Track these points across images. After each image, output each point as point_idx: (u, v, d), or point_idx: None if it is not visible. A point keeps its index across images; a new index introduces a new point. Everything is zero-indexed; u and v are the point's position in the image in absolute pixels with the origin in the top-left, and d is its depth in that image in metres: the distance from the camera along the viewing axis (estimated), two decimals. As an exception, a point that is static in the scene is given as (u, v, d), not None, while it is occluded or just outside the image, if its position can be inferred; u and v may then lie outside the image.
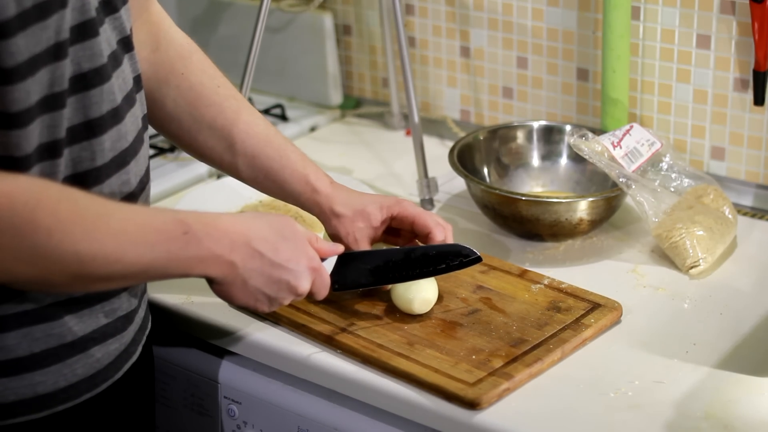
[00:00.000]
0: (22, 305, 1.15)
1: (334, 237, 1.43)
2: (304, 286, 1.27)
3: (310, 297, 1.31)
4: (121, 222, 1.12)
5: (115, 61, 1.20)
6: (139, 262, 1.13)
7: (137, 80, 1.27)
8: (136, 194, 1.24)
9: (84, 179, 1.17)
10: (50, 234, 1.06)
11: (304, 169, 1.42)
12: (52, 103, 1.11)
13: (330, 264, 1.33)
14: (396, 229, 1.45)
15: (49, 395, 1.18)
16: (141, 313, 1.30)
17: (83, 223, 1.09)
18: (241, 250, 1.21)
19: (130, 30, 1.25)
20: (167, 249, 1.15)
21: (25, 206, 1.05)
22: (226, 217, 1.23)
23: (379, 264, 1.37)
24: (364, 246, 1.41)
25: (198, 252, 1.17)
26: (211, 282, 1.23)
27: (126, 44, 1.24)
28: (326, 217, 1.42)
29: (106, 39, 1.19)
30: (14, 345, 1.14)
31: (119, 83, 1.21)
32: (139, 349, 1.30)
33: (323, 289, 1.30)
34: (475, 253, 1.38)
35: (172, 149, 1.93)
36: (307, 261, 1.27)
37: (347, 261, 1.35)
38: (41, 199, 1.07)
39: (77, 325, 1.19)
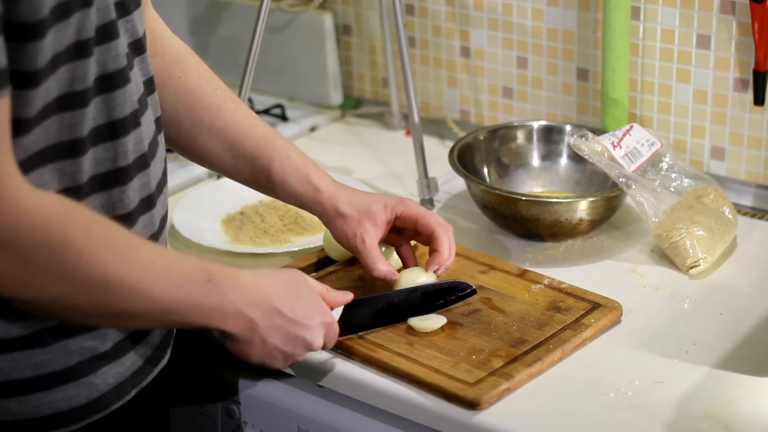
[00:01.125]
0: (52, 319, 1.14)
1: (340, 237, 1.42)
2: (319, 342, 1.27)
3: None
4: (150, 255, 1.12)
5: (129, 63, 1.20)
6: (163, 300, 1.13)
7: (149, 83, 1.26)
8: (154, 196, 1.24)
9: (107, 180, 1.17)
10: (81, 254, 1.06)
11: (305, 169, 1.41)
12: (71, 101, 1.10)
13: (337, 312, 1.34)
14: (399, 228, 1.45)
15: (83, 407, 1.17)
16: None
17: (114, 250, 1.09)
18: (261, 306, 1.21)
19: (143, 33, 1.25)
20: (190, 293, 1.15)
21: (60, 222, 1.05)
22: (245, 271, 1.22)
23: (381, 307, 1.38)
24: (371, 247, 1.40)
25: (220, 303, 1.17)
26: (227, 337, 1.22)
27: (137, 47, 1.24)
28: (330, 217, 1.41)
29: (123, 41, 1.19)
30: (50, 359, 1.14)
31: (134, 86, 1.21)
32: (168, 353, 1.30)
33: (334, 340, 1.31)
34: (471, 287, 1.41)
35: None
36: (321, 316, 1.27)
37: (351, 306, 1.35)
38: (75, 218, 1.06)
39: (108, 334, 1.18)
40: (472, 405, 1.26)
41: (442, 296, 1.40)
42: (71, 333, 1.15)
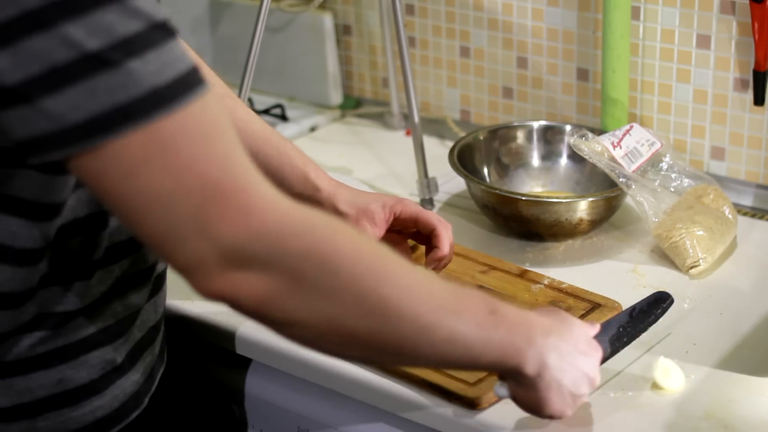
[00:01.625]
0: (75, 334, 1.14)
1: None
2: (598, 377, 1.16)
3: None
4: (424, 276, 1.01)
5: None
6: (446, 326, 1.00)
7: None
8: None
9: None
10: (353, 264, 0.94)
11: (303, 167, 1.41)
12: None
13: None
14: (396, 228, 1.45)
15: (107, 418, 1.17)
16: (163, 320, 1.30)
17: (385, 264, 0.97)
18: (552, 342, 1.09)
19: None
20: (476, 322, 1.02)
21: (326, 228, 0.94)
22: (517, 309, 1.10)
23: (612, 333, 1.26)
24: None
25: (511, 338, 1.05)
26: (522, 384, 1.10)
27: None
28: None
29: None
30: (74, 374, 1.14)
31: None
32: (165, 356, 1.30)
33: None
34: (669, 296, 1.33)
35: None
36: (596, 350, 1.17)
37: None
38: (339, 227, 0.96)
39: (122, 345, 1.19)
40: (472, 405, 1.26)
41: (654, 310, 1.31)
42: (91, 347, 1.15)
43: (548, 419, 1.16)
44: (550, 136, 1.77)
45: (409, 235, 1.46)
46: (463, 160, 1.68)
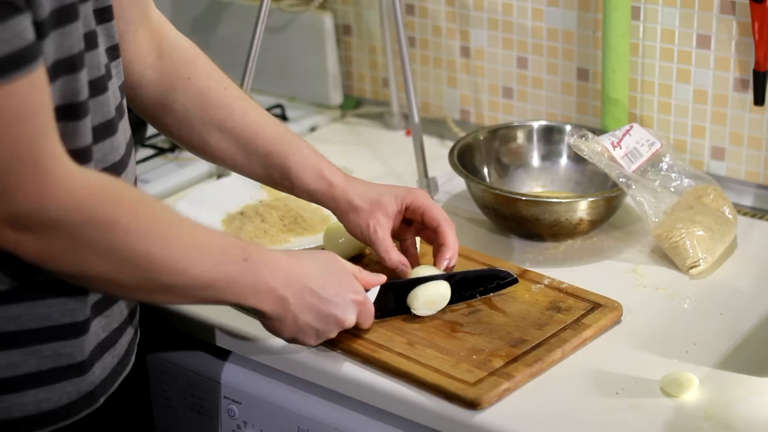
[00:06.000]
0: (36, 322, 1.14)
1: (353, 230, 1.43)
2: (351, 319, 1.31)
3: (356, 327, 1.34)
4: (192, 234, 1.16)
5: (108, 72, 1.21)
6: (203, 277, 1.17)
7: (122, 88, 1.27)
8: None
9: None
10: (127, 232, 1.09)
11: (317, 165, 1.43)
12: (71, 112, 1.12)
13: (373, 293, 1.36)
14: (407, 219, 1.46)
15: (52, 412, 1.17)
16: (134, 323, 1.31)
17: (159, 229, 1.12)
18: (294, 285, 1.25)
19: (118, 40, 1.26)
20: (228, 271, 1.19)
21: (107, 202, 1.08)
22: (280, 252, 1.27)
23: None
24: (384, 237, 1.41)
25: (255, 280, 1.21)
26: (262, 316, 1.26)
27: (113, 52, 1.25)
28: (343, 210, 1.42)
29: (101, 51, 1.19)
30: (22, 361, 1.14)
31: (113, 94, 1.21)
32: (132, 359, 1.30)
33: (368, 319, 1.35)
34: (512, 275, 1.44)
35: (172, 149, 1.93)
36: (353, 294, 1.31)
37: (389, 289, 1.39)
38: (122, 198, 1.10)
39: (88, 342, 1.19)
40: (472, 405, 1.26)
41: (482, 283, 1.43)
42: (48, 338, 1.15)
43: (294, 343, 1.33)
44: (550, 136, 1.77)
45: (418, 228, 1.46)
46: (463, 160, 1.68)
